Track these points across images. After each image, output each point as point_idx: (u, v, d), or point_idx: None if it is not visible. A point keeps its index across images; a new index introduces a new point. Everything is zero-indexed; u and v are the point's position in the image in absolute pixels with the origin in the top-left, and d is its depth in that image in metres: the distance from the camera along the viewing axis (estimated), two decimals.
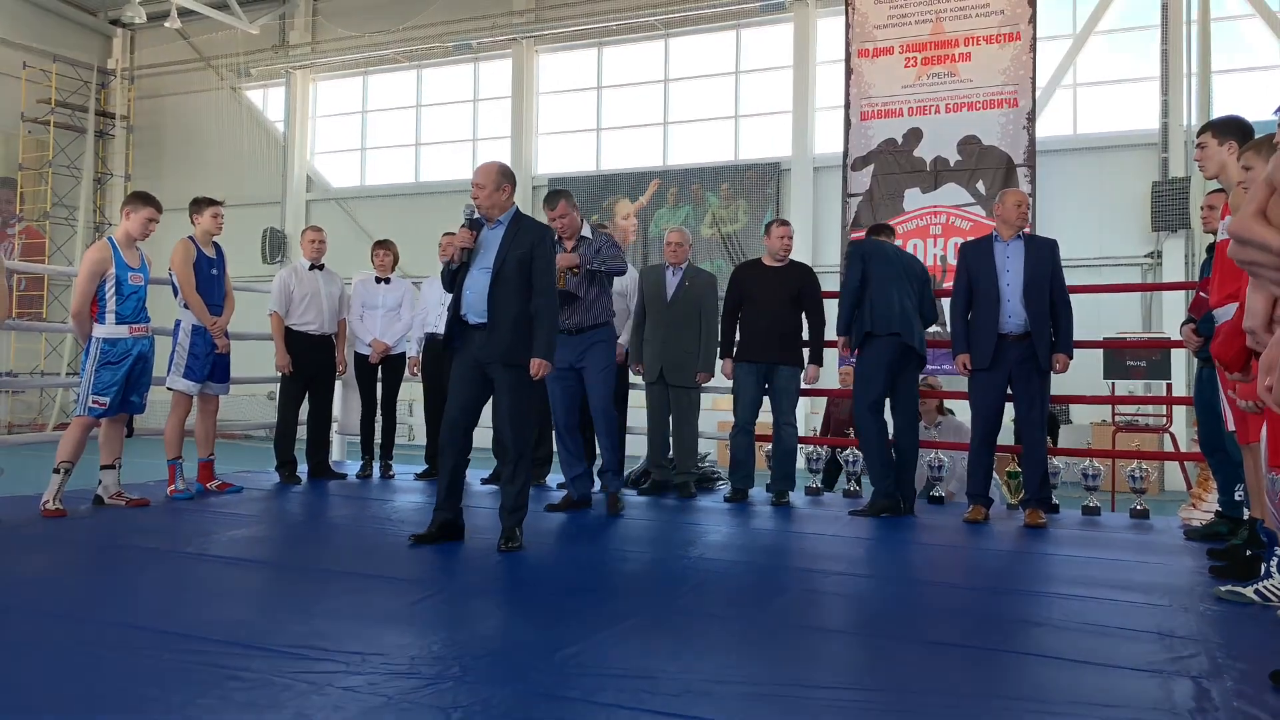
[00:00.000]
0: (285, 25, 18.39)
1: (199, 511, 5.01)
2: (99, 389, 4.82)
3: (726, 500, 5.61)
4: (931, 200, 12.61)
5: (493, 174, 4.20)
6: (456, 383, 4.26)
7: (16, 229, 18.52)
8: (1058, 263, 4.97)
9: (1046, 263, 4.92)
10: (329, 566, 3.88)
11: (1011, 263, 4.92)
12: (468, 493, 5.92)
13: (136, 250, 4.99)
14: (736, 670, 2.55)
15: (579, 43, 16.32)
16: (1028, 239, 5.02)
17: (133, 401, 4.98)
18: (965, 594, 3.63)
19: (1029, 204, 5.22)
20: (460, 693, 2.32)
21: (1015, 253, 4.93)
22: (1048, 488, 5.11)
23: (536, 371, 4.14)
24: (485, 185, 4.17)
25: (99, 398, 4.82)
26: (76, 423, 4.87)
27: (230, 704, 2.24)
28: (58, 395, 18.36)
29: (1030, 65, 12.21)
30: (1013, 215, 4.99)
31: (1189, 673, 2.60)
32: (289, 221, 17.84)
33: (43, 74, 18.53)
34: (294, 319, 6.03)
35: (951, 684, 2.50)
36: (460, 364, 4.27)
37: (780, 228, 5.72)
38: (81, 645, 2.67)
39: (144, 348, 4.97)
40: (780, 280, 5.60)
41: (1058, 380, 5.05)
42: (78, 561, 3.92)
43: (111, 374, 4.84)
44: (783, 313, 5.55)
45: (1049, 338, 4.89)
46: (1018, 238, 4.98)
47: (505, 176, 4.25)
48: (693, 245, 6.48)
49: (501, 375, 4.15)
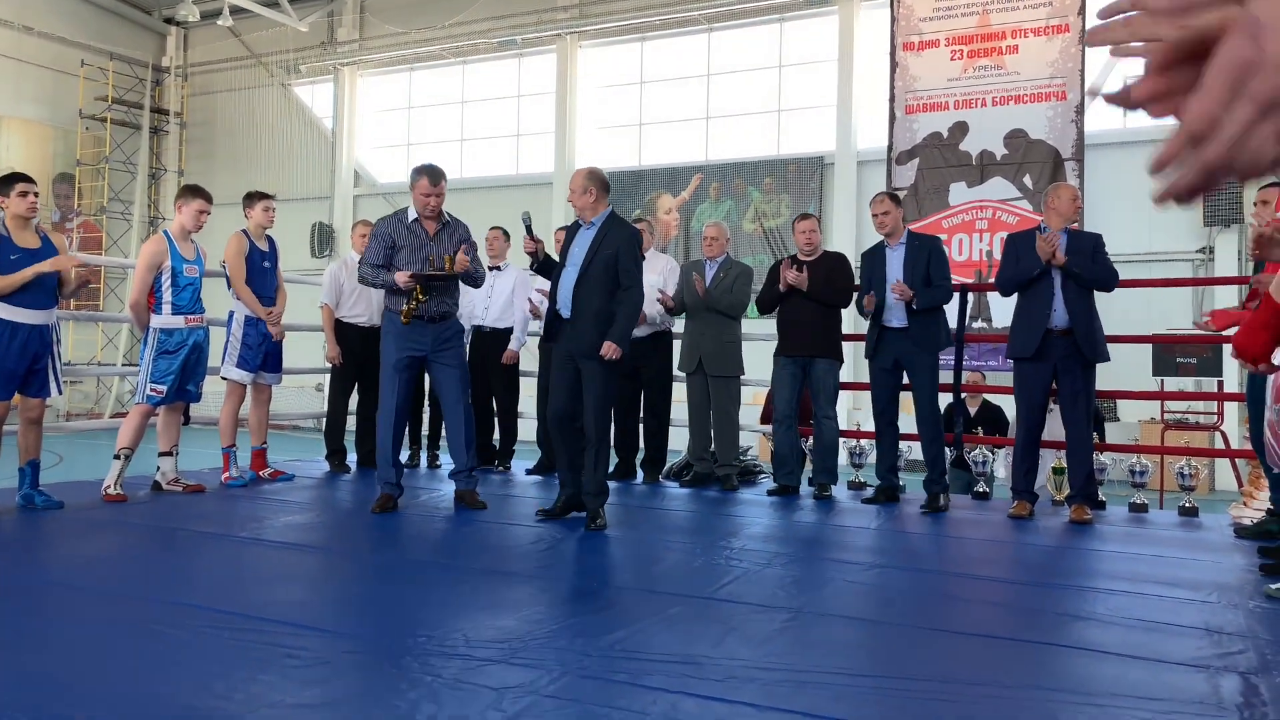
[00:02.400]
0: (334, 22, 18.66)
1: (252, 498, 5.14)
2: (156, 377, 4.96)
3: (770, 494, 5.63)
4: (977, 194, 12.49)
5: (580, 178, 4.53)
6: (556, 374, 4.59)
7: (75, 223, 19.00)
8: (1100, 258, 4.91)
9: (1088, 256, 4.88)
10: (378, 552, 3.98)
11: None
12: (512, 482, 6.02)
13: (192, 243, 5.13)
14: (779, 658, 2.58)
15: (622, 38, 16.37)
16: (1072, 233, 4.98)
17: (189, 390, 5.11)
18: (1009, 587, 3.63)
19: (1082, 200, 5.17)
20: (510, 674, 2.38)
21: (1060, 247, 4.89)
22: (1093, 484, 5.07)
23: (605, 352, 4.37)
24: (574, 189, 4.53)
25: (156, 385, 4.96)
26: (136, 410, 5.03)
27: (290, 680, 2.32)
28: (114, 385, 18.83)
29: (1079, 58, 12.04)
30: (1068, 209, 4.95)
31: (1237, 668, 2.58)
32: (337, 216, 18.11)
33: (100, 72, 18.98)
34: (344, 311, 6.16)
35: (994, 675, 2.51)
36: (557, 356, 4.61)
37: (801, 222, 5.74)
38: (145, 624, 2.78)
39: (199, 338, 5.10)
40: (812, 274, 5.61)
41: (1106, 376, 5.00)
42: (138, 544, 4.05)
43: (168, 363, 4.98)
44: (818, 307, 5.57)
45: (1095, 332, 4.85)
46: (1063, 231, 4.94)
47: (592, 179, 4.53)
48: (732, 240, 6.48)
49: (586, 366, 4.45)
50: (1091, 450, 5.02)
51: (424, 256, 4.75)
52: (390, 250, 4.73)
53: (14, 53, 18.05)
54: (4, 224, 4.40)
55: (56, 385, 4.54)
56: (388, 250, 4.73)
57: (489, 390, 6.49)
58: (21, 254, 4.36)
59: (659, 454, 6.20)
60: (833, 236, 14.21)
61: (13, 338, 4.33)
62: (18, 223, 4.41)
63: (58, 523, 4.32)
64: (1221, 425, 8.88)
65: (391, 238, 4.74)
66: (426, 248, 4.78)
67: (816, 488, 5.64)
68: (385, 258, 4.73)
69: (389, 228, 4.78)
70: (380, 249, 4.73)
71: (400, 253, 4.73)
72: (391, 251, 4.73)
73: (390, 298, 4.80)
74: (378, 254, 4.73)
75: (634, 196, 15.62)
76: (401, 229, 4.77)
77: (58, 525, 4.28)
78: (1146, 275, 11.50)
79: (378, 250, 4.73)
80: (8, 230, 4.38)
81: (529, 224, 4.64)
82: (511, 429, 6.60)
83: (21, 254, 4.36)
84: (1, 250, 4.32)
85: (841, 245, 13.90)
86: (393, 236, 4.74)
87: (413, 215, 4.80)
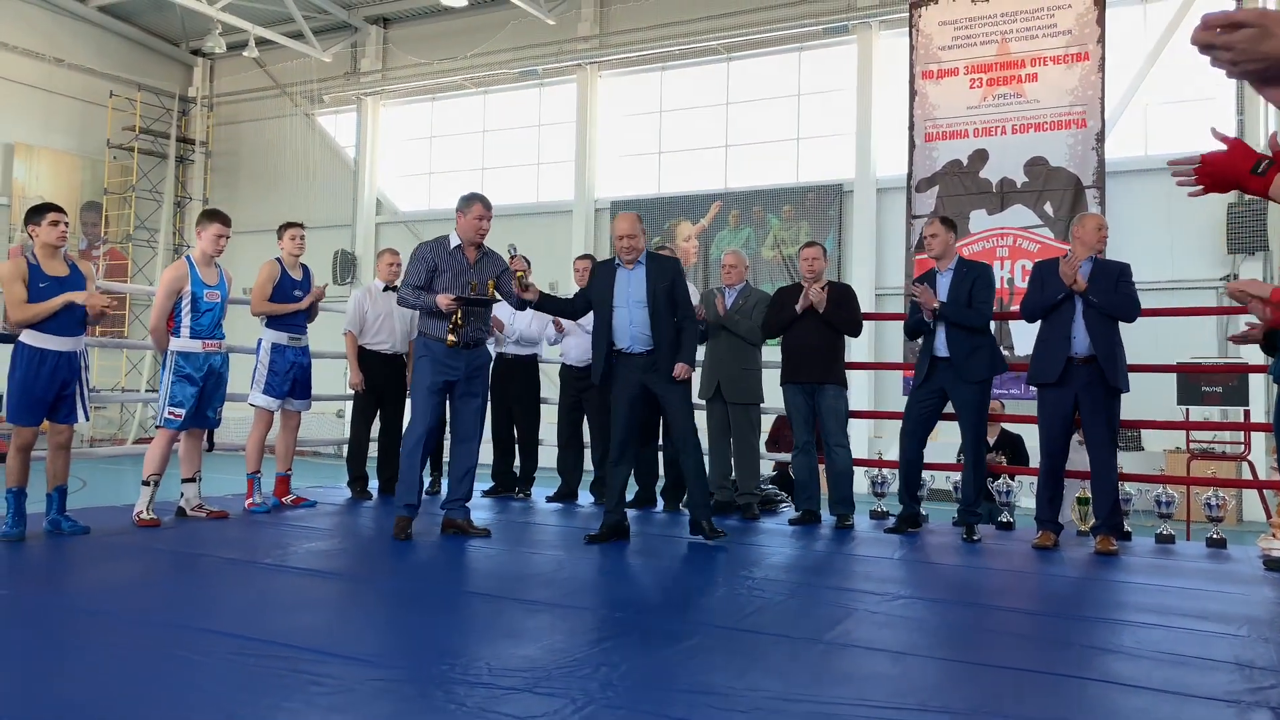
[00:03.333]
0: (357, 53, 18.94)
1: (276, 525, 5.17)
2: (174, 401, 4.99)
3: (791, 523, 5.60)
4: (998, 222, 12.46)
5: (632, 222, 4.87)
6: (621, 406, 4.87)
7: (101, 250, 19.27)
8: (1124, 286, 4.90)
9: (1111, 284, 4.86)
10: (401, 579, 3.99)
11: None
12: (533, 510, 6.02)
13: (215, 268, 5.16)
14: (804, 689, 2.57)
15: (642, 67, 16.52)
16: (1098, 262, 4.97)
17: (207, 416, 5.14)
18: (1034, 619, 3.59)
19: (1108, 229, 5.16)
20: (534, 703, 2.38)
21: (1083, 274, 4.88)
22: (1119, 514, 5.02)
23: (680, 373, 4.81)
24: (629, 233, 4.84)
25: (174, 409, 4.99)
26: (159, 435, 5.07)
27: (315, 706, 2.33)
28: (137, 410, 19.00)
29: (1099, 85, 12.03)
30: (1093, 239, 4.94)
31: (1269, 704, 2.54)
32: (359, 243, 18.29)
33: (128, 102, 19.32)
34: (367, 338, 6.19)
35: (1020, 708, 2.48)
36: (622, 389, 4.87)
37: (806, 250, 5.74)
38: (170, 649, 2.79)
39: (216, 363, 5.11)
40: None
41: (1130, 405, 4.96)
42: (162, 570, 4.08)
43: (185, 387, 5.00)
44: (824, 333, 5.57)
45: (1116, 359, 4.82)
46: (1088, 260, 4.93)
47: (640, 222, 4.93)
48: (750, 267, 6.51)
49: (670, 392, 4.83)
50: (1115, 479, 4.97)
51: (465, 282, 4.81)
52: (431, 274, 4.80)
53: (45, 84, 18.41)
54: (34, 252, 4.48)
55: (84, 412, 4.59)
56: (429, 273, 4.80)
57: (510, 417, 6.51)
58: (50, 282, 4.43)
59: (678, 481, 6.18)
60: (853, 263, 14.22)
61: (42, 364, 4.39)
62: (47, 251, 4.49)
63: (84, 548, 4.36)
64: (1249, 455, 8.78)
65: (434, 261, 4.81)
66: (468, 273, 4.84)
67: (837, 518, 5.61)
68: (426, 281, 4.80)
69: (430, 252, 4.85)
70: (422, 271, 4.80)
71: (441, 277, 4.80)
72: (432, 275, 4.80)
73: (428, 321, 4.85)
74: (420, 276, 4.80)
75: (653, 224, 15.69)
76: (443, 254, 4.84)
77: (84, 550, 4.31)
78: (1170, 303, 11.43)
79: (419, 272, 4.80)
80: (37, 259, 4.45)
81: (515, 254, 4.86)
82: (532, 455, 6.60)
83: (50, 282, 4.43)
84: (31, 278, 4.39)
85: (861, 272, 13.94)
86: (435, 260, 4.82)
87: (455, 242, 4.87)
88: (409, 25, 18.51)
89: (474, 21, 17.43)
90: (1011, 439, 7.18)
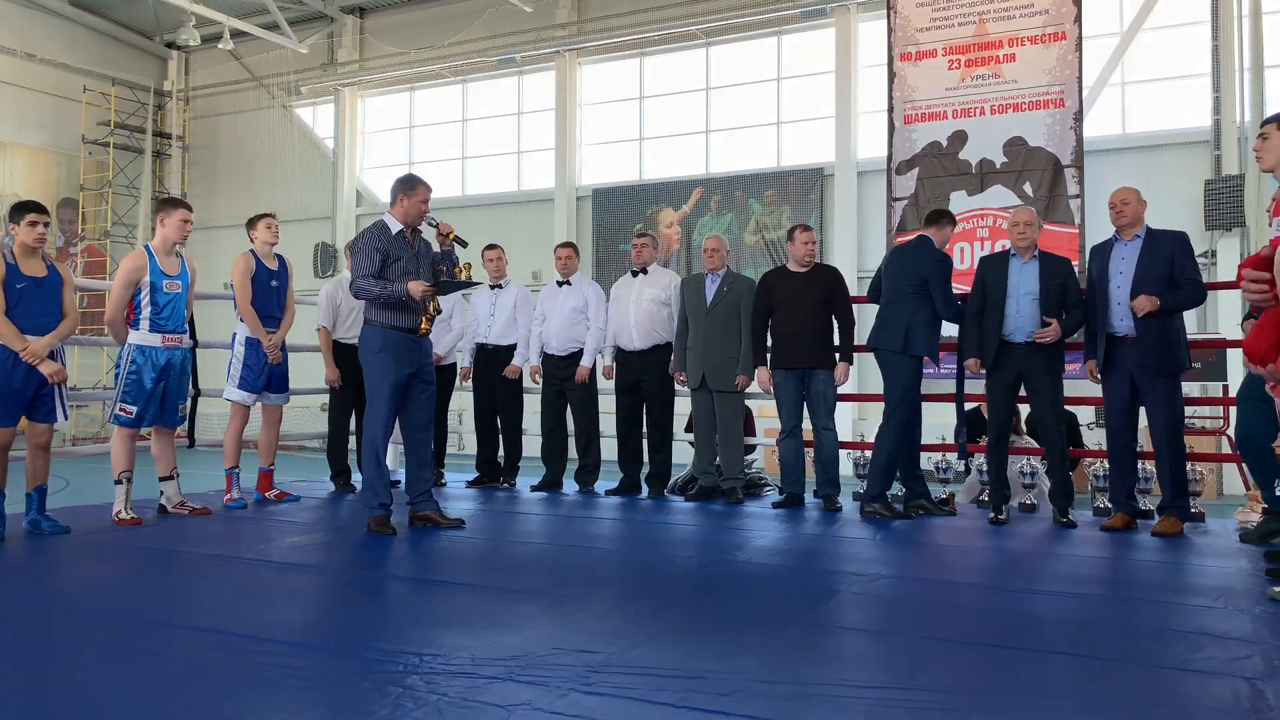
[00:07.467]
0: (334, 44, 18.78)
1: (258, 520, 5.15)
2: (127, 397, 4.81)
3: (776, 506, 5.62)
4: (978, 203, 12.51)
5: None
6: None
7: (79, 248, 19.09)
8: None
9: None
10: (383, 571, 3.99)
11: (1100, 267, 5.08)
12: (517, 499, 6.02)
13: (177, 258, 4.98)
14: (784, 671, 2.58)
15: (621, 54, 16.45)
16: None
17: (165, 413, 4.95)
18: (1010, 595, 3.62)
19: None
20: (516, 691, 2.39)
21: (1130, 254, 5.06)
22: (1185, 496, 4.95)
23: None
24: (720, 250, 5.86)
25: (126, 406, 4.80)
26: (116, 434, 4.93)
27: (299, 700, 2.33)
28: None
29: (1076, 65, 12.07)
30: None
31: (1243, 674, 2.58)
32: (340, 236, 18.17)
33: (102, 97, 19.10)
34: (341, 332, 6.10)
35: (998, 684, 2.51)
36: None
37: (803, 233, 5.73)
38: (153, 647, 2.79)
39: (177, 359, 4.93)
40: (808, 285, 5.61)
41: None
42: (144, 568, 4.06)
43: (140, 383, 4.83)
44: (814, 317, 5.58)
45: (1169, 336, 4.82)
46: (1136, 238, 5.12)
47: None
48: (732, 252, 6.52)
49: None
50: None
51: (430, 266, 4.74)
52: (384, 262, 4.64)
53: (17, 80, 18.17)
54: (12, 251, 4.43)
55: (63, 411, 4.54)
56: (382, 262, 4.64)
57: (493, 407, 6.49)
58: (28, 282, 4.39)
59: (663, 468, 6.20)
60: (834, 246, 14.23)
61: (17, 363, 4.34)
62: (25, 251, 4.44)
63: (64, 547, 4.33)
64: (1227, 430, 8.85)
65: (386, 250, 4.64)
66: (426, 256, 4.78)
67: (824, 500, 5.64)
68: (379, 269, 4.63)
69: (377, 240, 4.66)
70: (377, 260, 4.61)
71: (395, 264, 4.64)
72: (384, 263, 4.64)
73: (386, 312, 4.65)
74: (375, 265, 4.61)
75: (635, 211, 15.67)
76: (389, 240, 4.68)
77: (64, 550, 4.29)
78: None
79: (374, 262, 4.61)
80: (15, 258, 4.41)
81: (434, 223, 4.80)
82: (516, 445, 6.59)
83: (28, 282, 4.39)
84: (8, 278, 4.35)
85: (843, 255, 13.93)
86: (387, 249, 4.65)
87: (396, 227, 4.71)
88: (386, 15, 18.36)
89: (451, 10, 17.30)
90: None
